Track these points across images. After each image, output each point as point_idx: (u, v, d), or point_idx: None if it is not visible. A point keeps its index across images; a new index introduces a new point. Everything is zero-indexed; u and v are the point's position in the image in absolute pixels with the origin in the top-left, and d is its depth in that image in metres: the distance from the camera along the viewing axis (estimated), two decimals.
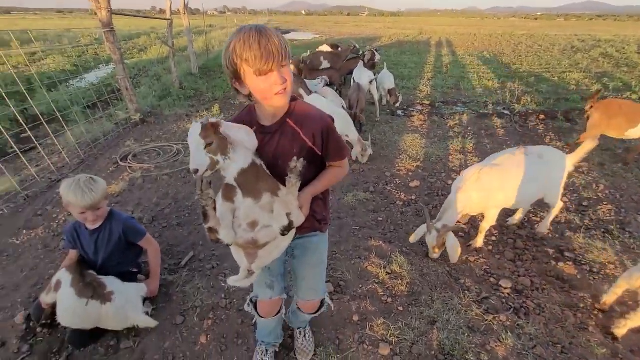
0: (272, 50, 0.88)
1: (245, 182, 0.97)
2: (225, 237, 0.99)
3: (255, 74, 0.91)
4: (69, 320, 1.66)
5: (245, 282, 1.16)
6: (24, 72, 8.23)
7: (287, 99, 1.00)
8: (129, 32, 19.79)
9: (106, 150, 4.26)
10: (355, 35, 22.52)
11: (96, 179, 1.76)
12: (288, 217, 1.00)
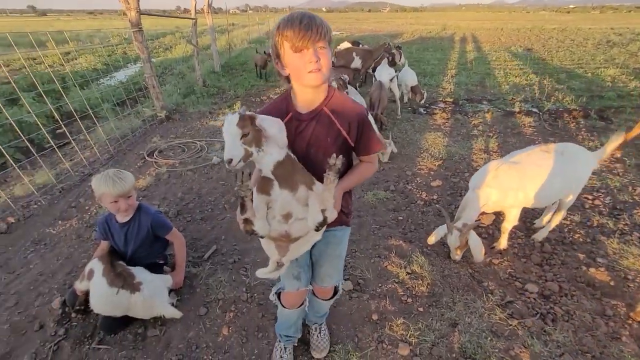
0: (310, 28, 0.92)
1: (282, 174, 0.98)
2: (260, 228, 1.01)
3: (291, 49, 0.96)
4: (100, 307, 1.76)
5: (274, 274, 1.17)
6: (59, 71, 8.69)
7: (321, 79, 0.99)
8: (155, 31, 20.43)
9: (134, 146, 4.43)
10: (375, 31, 22.24)
11: (124, 171, 1.86)
12: (323, 214, 0.99)
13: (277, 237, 1.06)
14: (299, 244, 1.10)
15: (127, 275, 1.79)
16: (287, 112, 1.09)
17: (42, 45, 11.51)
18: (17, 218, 2.89)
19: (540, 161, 2.18)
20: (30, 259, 2.45)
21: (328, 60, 0.98)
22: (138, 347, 1.75)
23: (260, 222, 1.01)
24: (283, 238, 1.06)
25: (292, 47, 0.95)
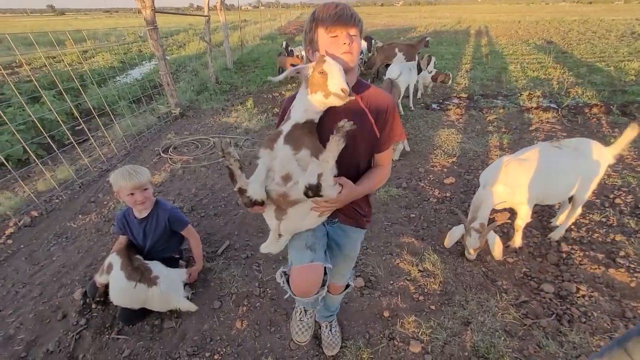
0: (345, 13, 0.98)
1: (294, 131, 1.00)
2: (253, 192, 0.98)
3: (326, 32, 1.00)
4: (119, 299, 1.82)
5: (276, 246, 1.17)
6: (77, 69, 8.92)
7: (353, 60, 1.03)
8: (169, 29, 20.70)
9: (149, 142, 4.53)
10: (388, 26, 21.93)
11: (139, 166, 1.91)
12: (318, 178, 0.94)
13: (275, 198, 1.04)
14: (297, 211, 1.07)
15: (145, 270, 1.84)
16: None
17: (61, 44, 11.85)
18: (40, 212, 3.01)
19: (550, 157, 2.13)
20: (53, 251, 2.55)
21: (358, 47, 1.03)
22: (155, 338, 1.81)
23: (254, 185, 0.98)
24: (281, 198, 1.03)
25: (327, 30, 1.00)
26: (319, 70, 0.96)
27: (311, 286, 1.12)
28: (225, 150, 0.95)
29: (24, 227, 2.84)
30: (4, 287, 2.22)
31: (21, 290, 2.18)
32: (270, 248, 1.18)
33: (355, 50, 1.02)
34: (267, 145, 1.02)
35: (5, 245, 2.63)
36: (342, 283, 1.53)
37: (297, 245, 1.18)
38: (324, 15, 0.99)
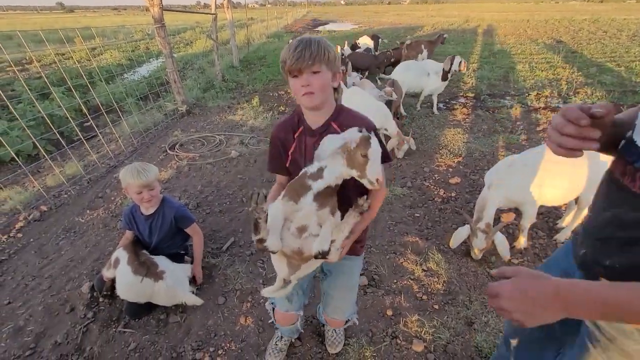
0: (303, 55, 0.96)
1: (324, 190, 1.00)
2: (272, 244, 1.00)
3: (288, 74, 1.02)
4: (126, 294, 1.85)
5: (281, 292, 1.19)
6: (86, 66, 9.02)
7: (312, 102, 1.02)
8: (176, 26, 20.83)
9: (156, 139, 4.57)
10: (395, 24, 21.82)
11: (148, 164, 1.94)
12: (330, 245, 1.00)
13: (289, 254, 1.06)
14: (308, 265, 1.11)
15: (151, 265, 1.87)
16: (299, 126, 1.12)
17: (70, 41, 11.98)
18: (49, 207, 3.06)
19: (554, 157, 2.11)
20: (61, 245, 2.59)
21: (321, 84, 1.00)
22: (160, 332, 1.84)
23: (273, 238, 1.00)
24: (296, 255, 1.05)
25: (288, 72, 1.01)
26: (362, 153, 0.94)
27: (288, 324, 1.56)
28: (260, 204, 0.94)
29: (34, 221, 2.89)
30: (13, 279, 2.27)
31: (31, 283, 2.22)
32: (275, 294, 1.20)
33: (317, 88, 1.00)
34: (292, 197, 1.02)
35: (15, 238, 2.68)
36: (342, 319, 1.54)
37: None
38: (285, 57, 1.00)
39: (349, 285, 1.41)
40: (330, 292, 1.43)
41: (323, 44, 0.99)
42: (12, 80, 7.75)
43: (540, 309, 0.61)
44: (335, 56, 1.03)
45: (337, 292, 1.42)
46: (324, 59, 0.99)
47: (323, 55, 0.98)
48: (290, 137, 1.14)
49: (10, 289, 2.19)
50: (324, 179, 0.98)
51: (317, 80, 1.00)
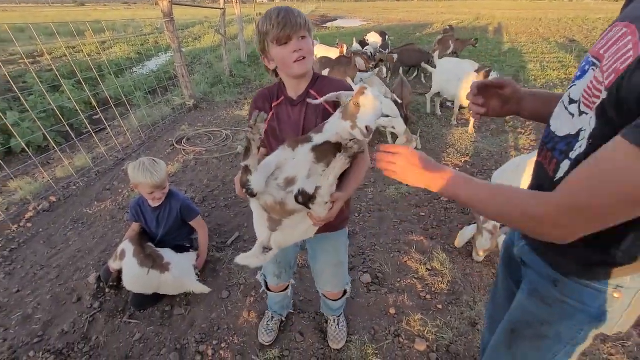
0: (289, 20, 0.97)
1: (325, 145, 0.99)
2: (255, 182, 0.94)
3: (275, 43, 1.01)
4: (132, 285, 1.87)
5: (256, 260, 1.08)
6: (96, 59, 9.10)
7: (305, 67, 1.03)
8: (185, 21, 20.87)
9: (164, 133, 4.61)
10: (404, 22, 21.59)
11: (158, 161, 1.94)
12: (315, 191, 0.93)
13: (271, 205, 1.00)
14: (292, 222, 1.04)
15: (156, 257, 1.89)
16: (279, 96, 1.14)
17: (81, 34, 12.08)
18: (58, 198, 3.11)
19: None
20: (69, 236, 2.63)
21: (309, 48, 1.03)
22: (165, 324, 1.86)
23: (258, 177, 0.94)
24: (277, 206, 0.99)
25: (275, 41, 1.00)
26: (354, 102, 0.94)
27: (280, 290, 1.63)
28: (259, 122, 0.91)
29: (43, 211, 2.94)
30: (23, 268, 2.31)
31: (39, 272, 2.26)
32: (249, 261, 1.08)
33: (308, 51, 1.02)
34: (291, 144, 1.01)
35: (25, 228, 2.73)
36: (337, 290, 1.55)
37: (269, 269, 1.51)
38: (268, 27, 0.99)
39: (337, 261, 1.41)
40: (319, 269, 1.44)
41: (300, 11, 1.01)
42: (23, 72, 7.86)
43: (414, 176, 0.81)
44: (311, 24, 1.06)
45: (326, 269, 1.42)
46: (306, 25, 1.01)
47: (305, 21, 1.01)
48: (268, 107, 1.15)
49: (19, 277, 2.23)
50: (323, 133, 1.00)
51: (306, 44, 1.02)
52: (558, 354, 0.83)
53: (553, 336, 0.82)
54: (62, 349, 1.72)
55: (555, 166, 0.73)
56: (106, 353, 1.72)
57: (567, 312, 0.78)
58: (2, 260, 2.40)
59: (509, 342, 0.92)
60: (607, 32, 0.69)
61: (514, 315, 0.91)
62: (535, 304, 0.84)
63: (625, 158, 0.52)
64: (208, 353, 1.70)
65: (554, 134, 0.76)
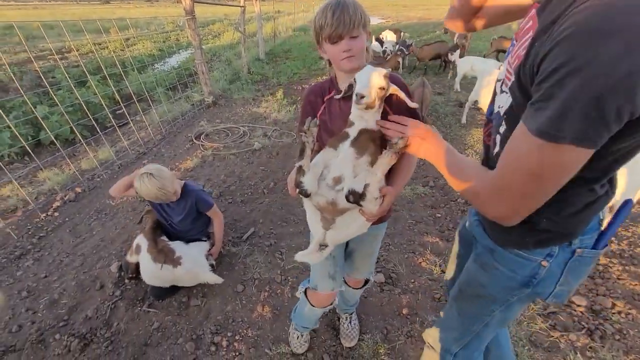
0: (342, 20, 0.96)
1: (361, 136, 1.00)
2: (308, 183, 0.99)
3: (326, 41, 1.02)
4: (150, 280, 1.94)
5: (315, 257, 1.10)
6: (120, 56, 9.39)
7: (353, 64, 1.03)
8: (205, 19, 21.22)
9: (183, 128, 4.72)
10: (424, 19, 21.23)
11: (157, 175, 1.82)
12: (364, 188, 0.95)
13: (323, 205, 1.03)
14: (344, 220, 1.06)
15: (168, 252, 1.93)
16: (330, 90, 1.14)
17: (106, 31, 12.48)
18: (83, 189, 3.24)
19: None
20: (93, 226, 2.74)
21: (361, 47, 1.02)
22: (182, 314, 1.92)
23: (310, 177, 1.00)
24: (329, 206, 1.02)
25: (327, 39, 1.01)
26: (352, 82, 0.98)
27: (327, 304, 1.44)
28: (312, 127, 0.99)
29: (69, 201, 3.07)
30: (50, 255, 2.43)
31: (65, 259, 2.37)
32: (308, 258, 1.11)
33: (357, 51, 1.02)
34: (332, 144, 1.03)
35: (53, 217, 2.86)
36: (361, 277, 1.54)
37: (321, 271, 1.33)
38: (322, 24, 0.99)
39: (370, 251, 1.40)
40: (353, 256, 1.42)
41: (357, 6, 0.99)
42: (53, 67, 8.20)
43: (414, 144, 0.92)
44: (369, 18, 1.04)
45: (359, 257, 1.41)
46: (362, 22, 1.00)
47: (360, 19, 0.99)
48: (320, 101, 1.16)
49: (47, 263, 2.34)
50: (355, 124, 1.01)
51: (357, 44, 1.01)
52: (494, 312, 0.95)
53: (488, 297, 0.93)
54: (86, 334, 1.80)
55: (492, 141, 0.82)
56: (126, 339, 1.79)
57: (499, 278, 0.88)
58: (32, 247, 2.53)
59: (456, 299, 1.06)
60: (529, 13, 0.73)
61: (462, 278, 1.04)
62: (476, 269, 0.95)
63: (525, 141, 0.58)
64: (222, 344, 1.74)
65: (493, 109, 0.84)
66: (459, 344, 1.11)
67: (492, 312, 0.95)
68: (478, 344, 1.09)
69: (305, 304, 1.47)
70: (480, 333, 1.04)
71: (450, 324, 1.12)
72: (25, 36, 12.40)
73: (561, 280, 0.81)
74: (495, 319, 0.98)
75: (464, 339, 1.08)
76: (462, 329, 1.07)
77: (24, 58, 9.79)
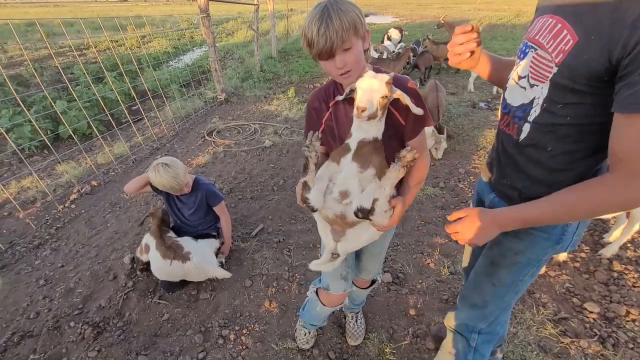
0: (329, 37, 0.87)
1: (363, 150, 0.96)
2: (314, 199, 0.98)
3: (316, 59, 0.97)
4: (161, 275, 1.98)
5: (328, 266, 1.12)
6: (136, 53, 9.58)
7: (352, 79, 0.97)
8: (219, 17, 21.43)
9: (195, 125, 4.79)
10: (438, 18, 20.91)
11: (172, 166, 1.93)
12: (373, 203, 0.93)
13: (332, 218, 1.03)
14: (356, 232, 1.06)
15: (177, 247, 1.97)
16: (334, 95, 1.09)
17: (123, 28, 12.74)
18: (99, 182, 3.33)
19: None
20: (107, 218, 2.82)
21: (355, 58, 0.94)
22: (191, 306, 1.96)
23: (315, 193, 0.98)
24: (338, 219, 1.01)
25: (317, 57, 0.95)
26: (352, 87, 0.94)
27: (338, 303, 1.46)
28: (314, 141, 0.96)
29: (85, 194, 3.16)
30: (67, 245, 2.51)
31: (80, 250, 2.45)
32: (322, 267, 1.13)
33: (353, 65, 0.95)
34: (334, 158, 1.01)
35: (70, 209, 2.95)
36: (369, 278, 1.53)
37: (333, 272, 1.31)
38: (310, 39, 0.91)
39: (380, 250, 1.39)
40: (361, 256, 1.41)
41: (343, 13, 0.88)
42: (71, 64, 8.43)
43: (486, 232, 0.89)
44: (361, 18, 0.93)
45: (367, 257, 1.40)
46: (353, 31, 0.90)
47: (349, 27, 0.88)
48: (325, 107, 1.11)
49: (63, 253, 2.42)
50: (353, 135, 0.98)
51: (351, 57, 0.93)
52: (527, 274, 1.05)
53: (524, 261, 1.03)
54: (99, 322, 1.86)
55: (517, 130, 0.90)
56: (137, 329, 1.84)
57: (535, 241, 0.98)
58: (49, 237, 2.62)
59: (488, 272, 1.12)
60: (534, 23, 0.87)
61: (492, 252, 1.11)
62: (509, 240, 1.02)
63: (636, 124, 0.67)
64: (230, 337, 1.77)
65: (510, 105, 0.93)
66: (488, 319, 1.19)
67: (525, 276, 1.05)
68: (504, 316, 1.19)
69: (316, 303, 1.46)
70: (509, 303, 1.15)
71: (481, 300, 1.18)
72: (46, 33, 12.78)
73: (577, 231, 0.96)
74: (524, 284, 1.08)
75: (494, 313, 1.17)
76: (495, 301, 1.14)
77: (44, 54, 10.10)
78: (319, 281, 1.48)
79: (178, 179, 1.93)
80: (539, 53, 0.82)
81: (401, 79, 1.05)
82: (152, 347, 1.75)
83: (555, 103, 0.79)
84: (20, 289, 2.15)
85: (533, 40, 0.85)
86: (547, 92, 0.80)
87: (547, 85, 0.80)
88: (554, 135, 0.83)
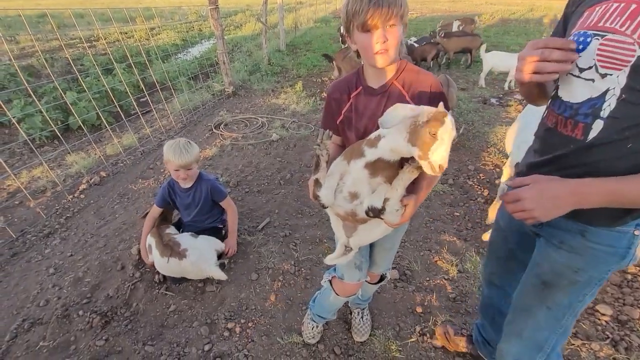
0: (381, 6, 0.86)
1: (377, 162, 0.93)
2: (324, 196, 0.98)
3: (359, 29, 0.92)
4: (164, 272, 2.01)
5: (342, 259, 1.13)
6: (145, 45, 9.59)
7: (387, 60, 0.95)
8: (228, 9, 21.34)
9: (203, 117, 4.79)
10: (450, 12, 20.54)
11: (192, 144, 2.01)
12: (383, 203, 0.93)
13: (343, 215, 1.03)
14: (368, 227, 1.06)
15: (174, 245, 1.96)
16: (357, 86, 1.08)
17: (132, 20, 12.76)
18: (107, 173, 3.36)
19: None
20: (116, 209, 2.84)
21: (397, 39, 0.92)
22: (197, 299, 1.97)
23: (326, 191, 0.98)
24: (349, 216, 1.02)
25: (360, 27, 0.91)
26: (431, 131, 0.81)
27: (352, 293, 1.42)
28: (325, 140, 0.96)
29: (94, 185, 3.19)
30: (76, 235, 2.54)
31: (89, 240, 2.47)
32: (336, 261, 1.16)
33: (392, 45, 0.91)
34: (346, 157, 1.00)
35: (79, 199, 2.99)
36: (378, 272, 1.51)
37: (348, 263, 1.29)
38: (356, 9, 0.88)
39: (391, 245, 1.38)
40: (372, 251, 1.40)
41: None
42: (81, 55, 8.48)
43: (559, 204, 0.77)
44: (407, 8, 0.93)
45: (378, 252, 1.39)
46: (401, 10, 0.89)
47: (400, 8, 0.88)
48: (345, 98, 1.10)
49: (72, 243, 2.45)
50: (378, 149, 0.91)
51: (393, 35, 0.91)
52: (588, 294, 0.93)
53: (585, 280, 0.91)
54: (107, 312, 1.88)
55: (584, 129, 0.79)
56: (144, 320, 1.85)
57: (599, 257, 0.87)
58: (59, 227, 2.65)
59: (540, 295, 0.99)
60: (588, 13, 0.80)
61: (543, 270, 0.97)
62: (565, 256, 0.91)
63: None
64: (236, 330, 1.77)
65: (568, 103, 0.82)
66: (544, 349, 1.04)
67: (585, 296, 0.94)
68: (561, 341, 1.05)
69: (330, 292, 1.46)
70: (567, 327, 1.01)
71: (534, 327, 1.04)
72: (57, 24, 12.87)
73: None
74: (582, 305, 0.96)
75: (551, 341, 1.03)
76: (551, 327, 1.01)
77: (55, 45, 10.18)
78: (333, 270, 1.47)
79: (193, 150, 1.98)
80: (610, 38, 0.73)
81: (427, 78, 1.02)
82: (158, 338, 1.77)
83: (637, 92, 0.70)
84: (30, 277, 2.18)
85: (596, 27, 0.77)
86: (625, 80, 0.72)
87: (625, 72, 0.72)
88: (635, 129, 0.73)
